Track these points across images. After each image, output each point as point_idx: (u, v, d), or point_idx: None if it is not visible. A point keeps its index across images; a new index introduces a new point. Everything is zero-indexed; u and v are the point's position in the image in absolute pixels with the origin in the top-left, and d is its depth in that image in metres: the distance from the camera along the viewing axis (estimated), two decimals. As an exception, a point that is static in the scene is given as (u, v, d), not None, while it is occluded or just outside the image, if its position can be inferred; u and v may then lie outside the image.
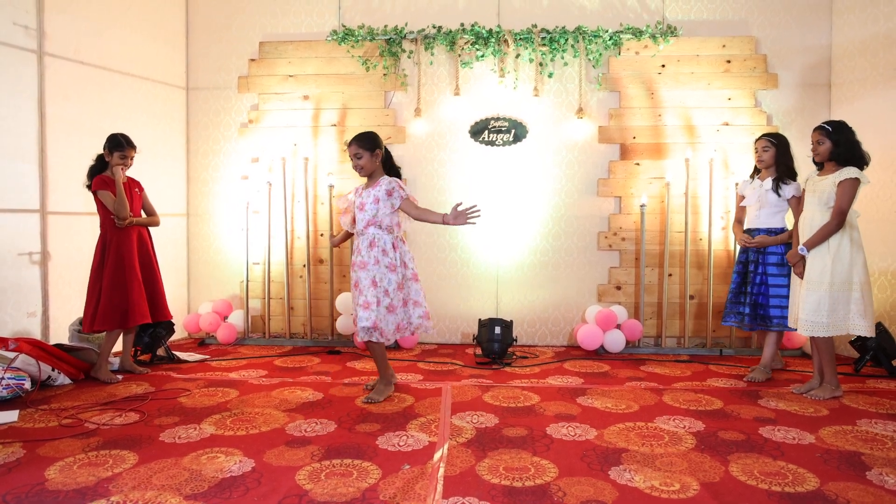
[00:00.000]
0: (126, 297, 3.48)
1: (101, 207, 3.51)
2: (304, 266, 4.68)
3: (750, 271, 3.65)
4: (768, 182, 3.61)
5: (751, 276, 3.63)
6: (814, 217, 3.18)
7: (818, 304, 3.07)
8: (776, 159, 3.60)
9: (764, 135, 3.69)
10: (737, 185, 4.40)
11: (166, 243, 4.65)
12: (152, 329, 3.93)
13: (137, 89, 4.46)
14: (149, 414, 2.88)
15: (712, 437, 2.55)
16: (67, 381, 3.45)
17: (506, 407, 3.02)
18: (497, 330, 4.12)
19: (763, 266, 3.59)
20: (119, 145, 3.51)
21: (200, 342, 4.64)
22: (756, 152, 3.68)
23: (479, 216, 3.01)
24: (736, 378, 3.63)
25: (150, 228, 3.77)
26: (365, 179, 3.23)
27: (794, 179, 3.58)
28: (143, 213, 3.74)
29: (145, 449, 2.42)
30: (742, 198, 3.79)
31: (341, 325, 4.50)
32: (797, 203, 3.50)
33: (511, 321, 4.21)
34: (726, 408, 3.00)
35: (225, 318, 4.69)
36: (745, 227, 3.73)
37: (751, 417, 2.83)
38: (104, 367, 3.52)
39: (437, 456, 2.34)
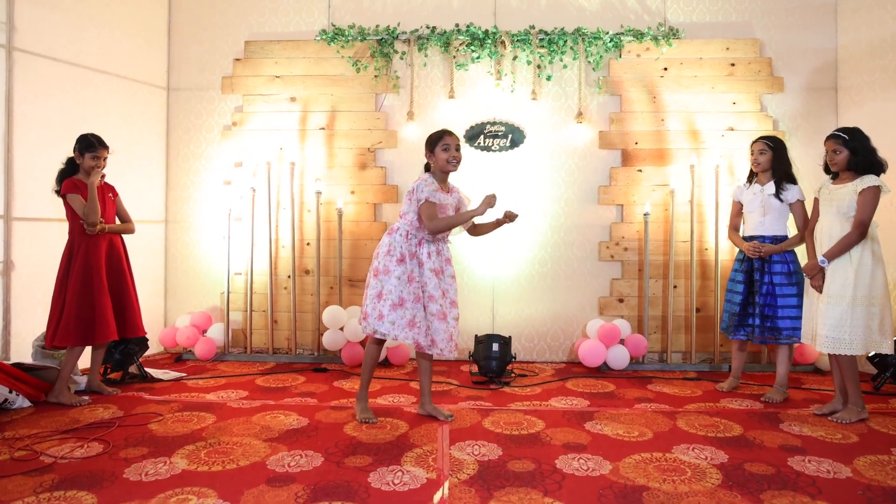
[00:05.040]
0: (91, 311, 3.20)
1: (70, 212, 3.24)
2: (289, 277, 4.41)
3: (756, 280, 3.45)
4: (770, 187, 3.45)
5: (757, 285, 3.44)
6: (832, 227, 3.00)
7: (840, 320, 2.88)
8: (773, 163, 3.45)
9: (760, 137, 3.54)
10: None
11: (143, 252, 4.37)
12: (124, 345, 3.65)
13: (115, 89, 4.19)
14: (114, 444, 2.59)
15: (739, 471, 2.32)
16: (27, 403, 3.16)
17: (508, 435, 2.77)
18: (495, 347, 3.88)
19: (769, 275, 3.41)
20: (91, 146, 3.25)
21: (177, 358, 4.35)
22: (752, 155, 3.52)
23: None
24: (750, 398, 3.42)
25: (125, 236, 3.50)
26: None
27: (794, 183, 3.45)
28: (117, 219, 3.47)
29: (107, 489, 2.14)
30: (739, 204, 3.62)
31: (328, 340, 4.23)
32: (801, 207, 3.39)
33: (509, 337, 3.98)
34: (747, 434, 2.78)
35: (204, 331, 4.41)
36: (747, 235, 3.54)
37: (776, 445, 2.61)
38: (64, 390, 3.23)
39: (437, 497, 2.09)
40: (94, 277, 3.23)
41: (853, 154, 2.97)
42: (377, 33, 4.39)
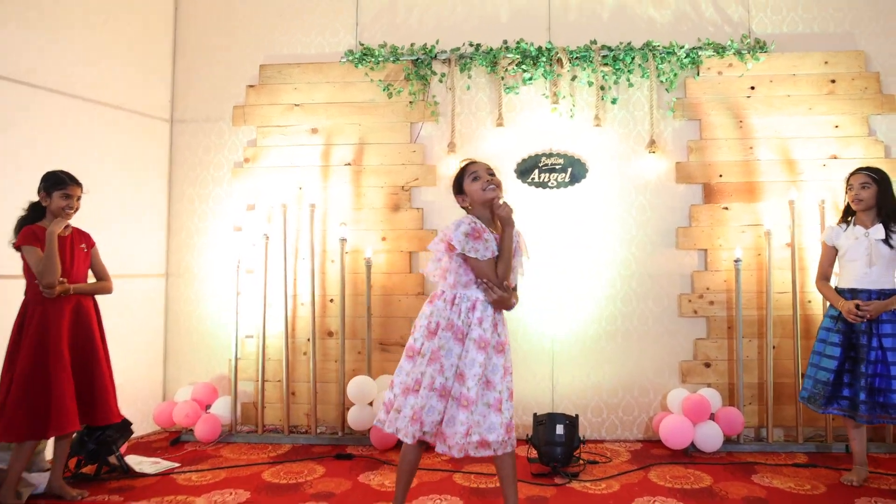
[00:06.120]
0: (45, 395, 2.51)
1: (27, 268, 2.60)
2: (309, 340, 3.71)
3: (862, 345, 2.77)
4: (878, 230, 2.81)
5: (863, 351, 2.76)
6: None
7: None
8: (878, 199, 2.84)
9: (860, 169, 2.92)
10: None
11: (140, 311, 3.74)
12: (100, 432, 2.93)
13: (107, 120, 3.62)
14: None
15: None
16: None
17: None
18: (559, 429, 3.12)
19: (878, 338, 2.75)
20: (60, 182, 2.64)
21: (174, 440, 3.63)
22: (851, 190, 2.90)
23: None
24: (892, 496, 2.60)
25: (99, 297, 2.85)
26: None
27: None
28: (91, 277, 2.84)
29: None
30: (834, 250, 2.97)
31: (354, 417, 3.50)
32: None
33: (576, 416, 3.21)
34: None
35: (207, 407, 3.70)
36: (846, 287, 2.89)
37: None
38: (10, 497, 2.52)
39: None
40: (52, 351, 2.55)
41: None
42: (412, 53, 3.79)
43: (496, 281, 2.23)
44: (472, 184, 2.30)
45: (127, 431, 3.08)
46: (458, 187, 2.36)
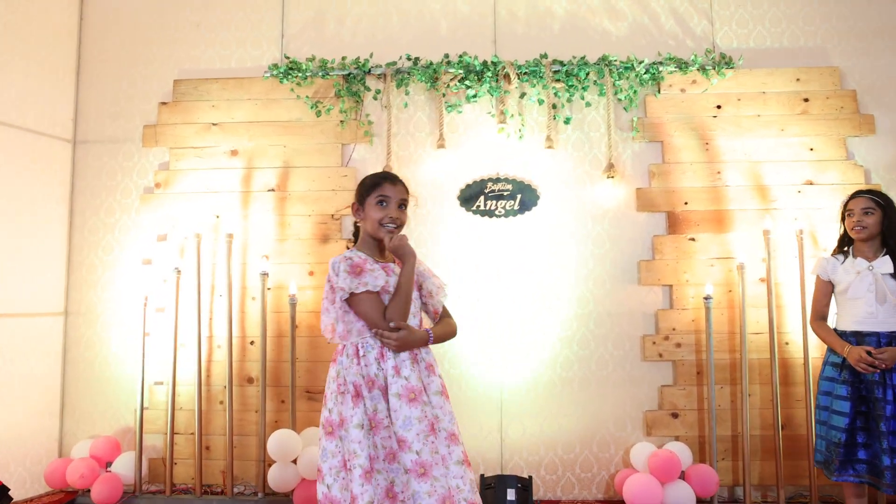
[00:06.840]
0: None
1: None
2: (226, 388, 3.27)
3: (877, 398, 2.40)
4: (884, 263, 2.48)
5: (879, 405, 2.38)
6: None
7: None
8: (883, 227, 2.50)
9: (861, 191, 2.58)
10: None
11: (32, 354, 3.30)
12: (-36, 505, 2.50)
13: (-2, 142, 3.22)
14: None
15: None
16: None
17: None
18: (510, 495, 2.78)
19: (892, 389, 2.38)
20: None
21: (69, 503, 3.16)
22: (851, 216, 2.56)
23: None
24: None
25: None
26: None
27: None
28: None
29: None
30: (830, 285, 2.63)
31: (275, 477, 3.05)
32: None
33: (530, 478, 2.83)
34: None
35: (108, 464, 3.24)
36: (849, 329, 2.53)
37: None
38: None
39: None
40: None
41: None
42: (344, 67, 3.43)
43: (383, 325, 1.89)
44: (375, 209, 2.01)
45: (4, 498, 2.67)
46: (361, 198, 2.06)
